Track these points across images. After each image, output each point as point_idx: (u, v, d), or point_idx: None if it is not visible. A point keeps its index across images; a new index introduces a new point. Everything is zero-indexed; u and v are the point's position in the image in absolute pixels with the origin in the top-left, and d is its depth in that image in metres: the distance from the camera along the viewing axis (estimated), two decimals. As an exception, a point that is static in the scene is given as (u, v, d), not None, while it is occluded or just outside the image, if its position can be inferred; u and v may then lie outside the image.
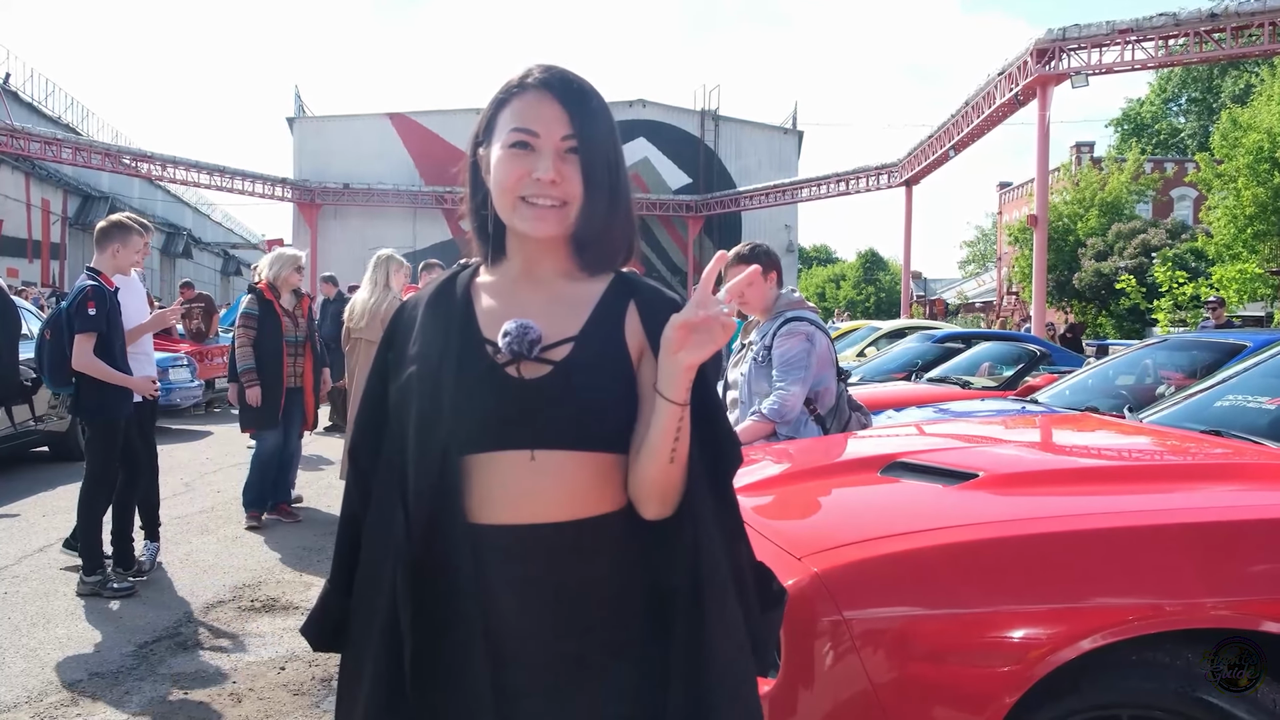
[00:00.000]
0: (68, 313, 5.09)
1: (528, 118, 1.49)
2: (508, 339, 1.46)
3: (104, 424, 5.21)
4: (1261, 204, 24.69)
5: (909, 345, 11.63)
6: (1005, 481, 2.68)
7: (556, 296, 1.55)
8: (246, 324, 6.84)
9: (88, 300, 5.05)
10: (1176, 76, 53.72)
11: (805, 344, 3.98)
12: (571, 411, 1.46)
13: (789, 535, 2.42)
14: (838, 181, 36.64)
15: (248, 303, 6.95)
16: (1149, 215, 37.79)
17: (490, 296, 1.57)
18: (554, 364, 1.47)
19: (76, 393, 5.18)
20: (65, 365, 5.07)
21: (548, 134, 1.48)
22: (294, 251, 7.23)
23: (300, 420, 7.16)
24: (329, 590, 1.63)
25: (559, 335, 1.50)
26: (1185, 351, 6.87)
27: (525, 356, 1.46)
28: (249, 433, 7.25)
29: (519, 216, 1.50)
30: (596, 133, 1.51)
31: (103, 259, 5.31)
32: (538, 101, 1.50)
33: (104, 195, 38.23)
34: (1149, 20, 22.22)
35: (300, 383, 7.07)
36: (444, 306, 1.56)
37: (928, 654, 2.07)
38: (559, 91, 1.50)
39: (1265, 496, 2.58)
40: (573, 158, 1.49)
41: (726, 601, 1.47)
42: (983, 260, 61.39)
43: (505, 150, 1.50)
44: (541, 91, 1.50)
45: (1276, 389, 3.58)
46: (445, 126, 40.93)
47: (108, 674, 4.15)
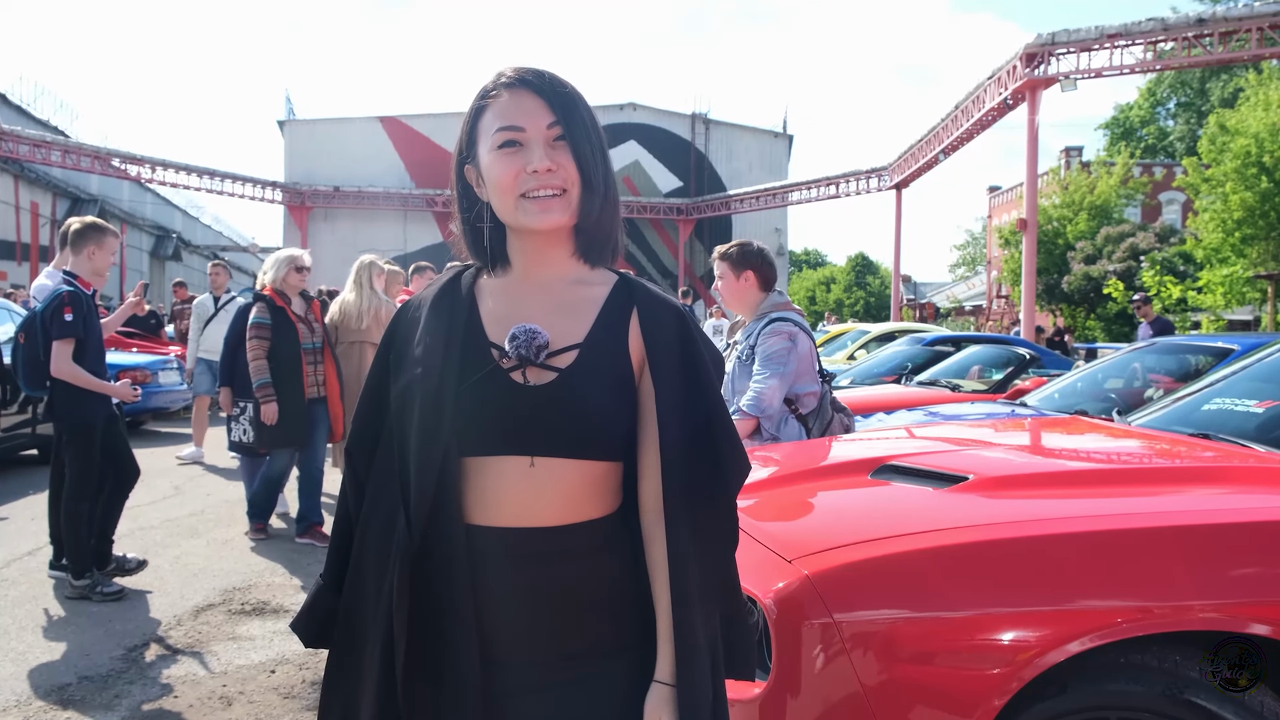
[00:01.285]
0: (43, 317, 4.99)
1: (510, 115, 1.49)
2: (515, 344, 1.46)
3: (80, 428, 5.14)
4: (1249, 208, 24.78)
5: (899, 348, 11.66)
6: (995, 484, 2.69)
7: (560, 300, 1.55)
8: (260, 335, 6.27)
9: (64, 306, 4.95)
10: (1165, 81, 53.92)
11: (787, 342, 4.02)
12: (574, 420, 1.46)
13: (779, 538, 2.43)
14: (828, 185, 36.69)
15: (258, 311, 6.34)
16: (1138, 219, 37.96)
17: (494, 299, 1.56)
18: (559, 371, 1.47)
19: (51, 397, 5.09)
20: (40, 369, 4.99)
21: (533, 126, 1.49)
22: (292, 251, 6.71)
23: (326, 432, 6.61)
24: (322, 586, 1.63)
25: (564, 341, 1.50)
26: (1174, 355, 6.90)
27: (532, 362, 1.46)
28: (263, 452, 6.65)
29: (523, 213, 1.49)
30: (579, 117, 1.52)
31: (79, 261, 5.20)
32: (515, 98, 1.50)
33: (93, 198, 38.06)
34: (1138, 25, 22.30)
35: (323, 391, 6.54)
36: (448, 308, 1.55)
37: (917, 656, 2.08)
38: (534, 85, 1.51)
39: (1252, 499, 2.60)
40: (562, 145, 1.50)
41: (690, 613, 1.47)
42: (973, 264, 61.54)
43: (495, 153, 1.49)
44: (516, 89, 1.50)
45: (1263, 392, 3.60)
46: (436, 129, 40.90)
47: (97, 678, 4.14)
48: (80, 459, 5.16)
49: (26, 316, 5.18)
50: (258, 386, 6.22)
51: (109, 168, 35.08)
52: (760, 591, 2.17)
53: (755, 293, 4.23)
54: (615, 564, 1.52)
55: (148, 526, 6.98)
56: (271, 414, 6.19)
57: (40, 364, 4.99)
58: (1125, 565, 2.14)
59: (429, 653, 1.46)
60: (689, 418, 1.49)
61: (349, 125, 42.73)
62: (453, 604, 1.44)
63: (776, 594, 2.14)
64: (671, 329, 1.53)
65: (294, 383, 6.31)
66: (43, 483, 8.39)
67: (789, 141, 46.26)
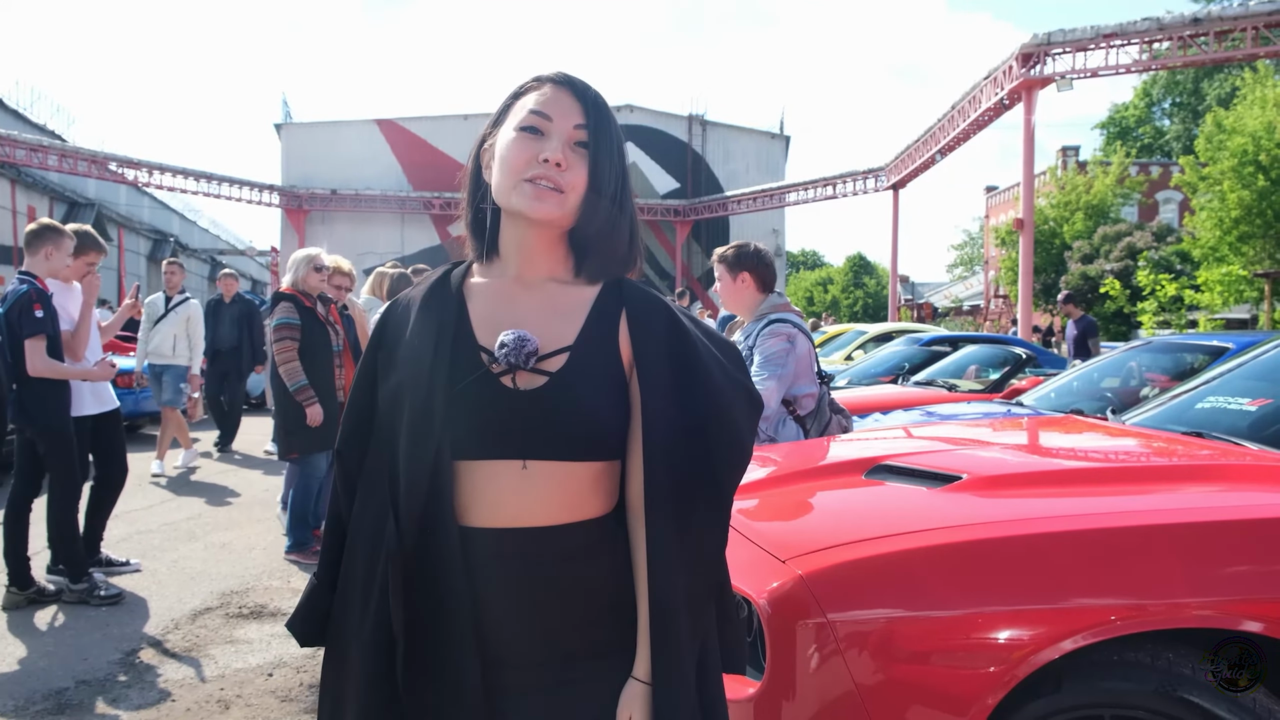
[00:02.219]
0: (7, 318, 4.88)
1: (544, 103, 1.52)
2: (505, 350, 1.46)
3: (53, 431, 5.05)
4: (1246, 206, 24.84)
5: (896, 348, 11.67)
6: (989, 484, 2.70)
7: (550, 301, 1.55)
8: (290, 335, 6.01)
9: (33, 303, 4.86)
10: (1161, 80, 54.01)
11: (786, 344, 4.03)
12: (565, 423, 1.46)
13: (774, 538, 2.44)
14: (825, 185, 36.68)
15: (285, 311, 6.07)
16: (1135, 218, 38.01)
17: (484, 300, 1.56)
18: (549, 375, 1.47)
19: (20, 400, 4.96)
20: (5, 372, 4.88)
21: (561, 120, 1.51)
22: (310, 251, 6.45)
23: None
24: (315, 585, 1.64)
25: (554, 344, 1.50)
26: (1169, 354, 6.91)
27: (522, 367, 1.46)
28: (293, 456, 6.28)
29: (518, 194, 1.50)
30: (607, 134, 1.54)
31: (35, 262, 5.12)
32: (555, 92, 1.53)
33: (90, 202, 37.99)
34: (1133, 24, 22.33)
35: (344, 396, 5.86)
36: (436, 308, 1.55)
37: (911, 655, 2.08)
38: (578, 90, 1.54)
39: (1246, 497, 2.60)
40: (581, 150, 1.52)
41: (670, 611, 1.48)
42: (970, 264, 61.55)
43: (516, 132, 1.51)
44: (560, 86, 1.54)
45: (1257, 391, 3.61)
46: (433, 133, 40.88)
47: (95, 681, 4.14)
48: (60, 464, 5.07)
49: None
50: (296, 389, 5.96)
51: (106, 172, 35.04)
52: (755, 591, 2.18)
53: (753, 294, 4.24)
54: (610, 564, 1.52)
55: (145, 530, 6.98)
56: (316, 416, 5.97)
57: (7, 365, 4.89)
58: (1118, 563, 2.14)
59: (427, 655, 1.46)
60: (678, 417, 1.48)
61: (346, 128, 42.68)
62: (449, 606, 1.45)
63: (771, 594, 2.14)
64: (660, 328, 1.53)
65: (327, 384, 6.14)
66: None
67: (786, 142, 46.25)
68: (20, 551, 5.11)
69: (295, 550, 6.24)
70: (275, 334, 6.06)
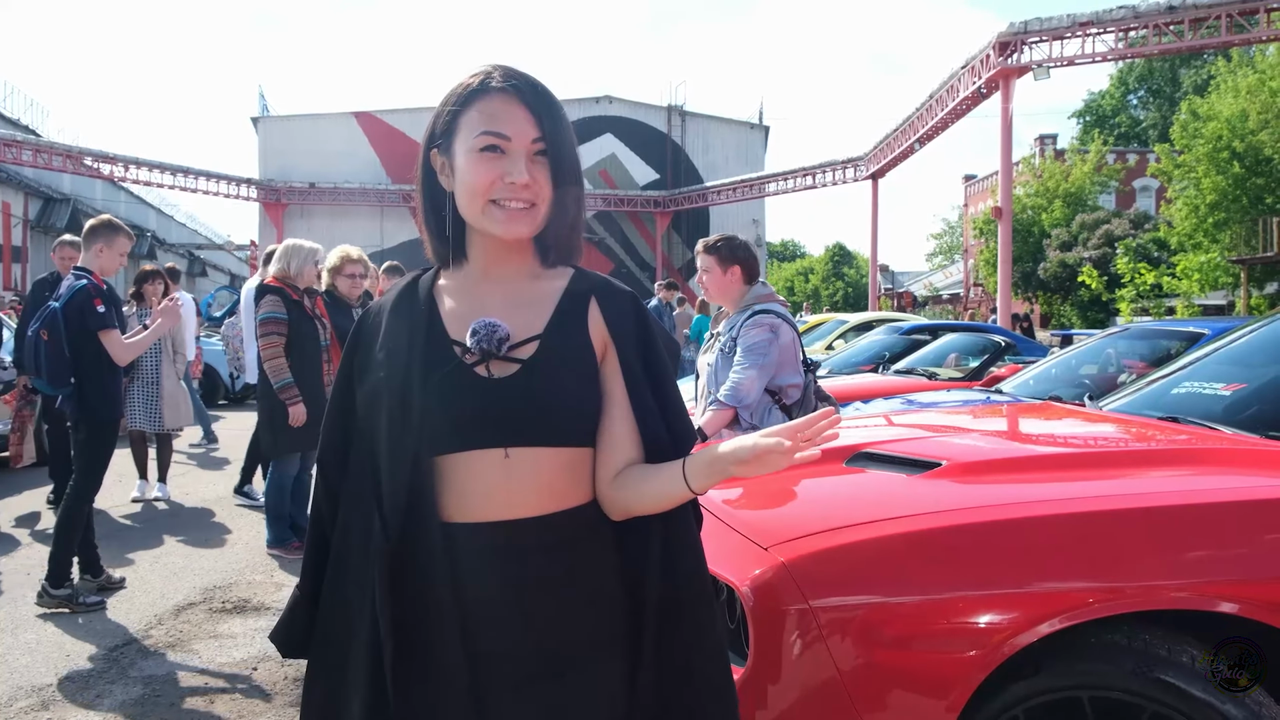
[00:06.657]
0: (65, 313, 4.88)
1: (498, 121, 1.50)
2: (476, 338, 1.48)
3: (106, 426, 5.06)
4: (1221, 192, 25.05)
5: (876, 337, 11.72)
6: (968, 470, 2.72)
7: (518, 295, 1.57)
8: (277, 330, 5.86)
9: (94, 298, 4.89)
10: (1137, 69, 54.32)
11: (769, 334, 4.03)
12: (542, 408, 1.49)
13: (755, 525, 2.46)
14: (804, 175, 36.78)
15: (271, 305, 5.88)
16: (1112, 206, 38.25)
17: (453, 298, 1.58)
18: (521, 362, 1.50)
19: (82, 394, 4.96)
20: (65, 366, 4.87)
21: (519, 137, 1.50)
22: (311, 244, 6.22)
23: None
24: (299, 597, 1.65)
25: (524, 333, 1.52)
26: (1146, 340, 6.96)
27: (494, 354, 1.48)
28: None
29: (489, 219, 1.51)
30: (563, 136, 1.54)
31: (88, 257, 5.15)
32: (505, 105, 1.51)
33: (65, 197, 37.68)
34: (1109, 13, 22.47)
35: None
36: (407, 310, 1.57)
37: (893, 640, 2.10)
38: (526, 96, 1.52)
39: (1220, 480, 2.63)
40: (542, 160, 1.52)
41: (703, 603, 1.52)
42: (949, 253, 61.81)
43: (476, 154, 1.50)
44: (508, 95, 1.51)
45: (1232, 376, 3.64)
46: (412, 125, 40.71)
47: (78, 678, 4.13)
48: (95, 459, 5.06)
49: (44, 312, 4.98)
50: (281, 387, 5.81)
51: (81, 167, 34.78)
52: (738, 579, 2.19)
53: (740, 285, 4.25)
54: (597, 552, 1.54)
55: (128, 526, 6.95)
56: (300, 415, 5.83)
57: (66, 360, 4.88)
58: (1095, 546, 2.17)
59: (416, 651, 1.47)
60: (652, 397, 1.57)
61: (323, 121, 42.50)
62: (436, 602, 1.46)
63: (753, 581, 2.16)
64: (630, 316, 1.60)
65: (315, 382, 5.99)
66: (26, 484, 8.38)
67: (765, 133, 46.31)
68: (89, 538, 5.25)
69: (276, 545, 6.19)
70: (261, 329, 5.90)
